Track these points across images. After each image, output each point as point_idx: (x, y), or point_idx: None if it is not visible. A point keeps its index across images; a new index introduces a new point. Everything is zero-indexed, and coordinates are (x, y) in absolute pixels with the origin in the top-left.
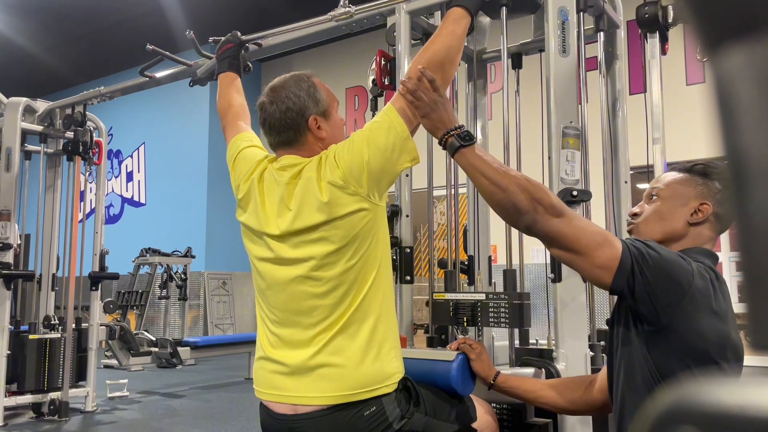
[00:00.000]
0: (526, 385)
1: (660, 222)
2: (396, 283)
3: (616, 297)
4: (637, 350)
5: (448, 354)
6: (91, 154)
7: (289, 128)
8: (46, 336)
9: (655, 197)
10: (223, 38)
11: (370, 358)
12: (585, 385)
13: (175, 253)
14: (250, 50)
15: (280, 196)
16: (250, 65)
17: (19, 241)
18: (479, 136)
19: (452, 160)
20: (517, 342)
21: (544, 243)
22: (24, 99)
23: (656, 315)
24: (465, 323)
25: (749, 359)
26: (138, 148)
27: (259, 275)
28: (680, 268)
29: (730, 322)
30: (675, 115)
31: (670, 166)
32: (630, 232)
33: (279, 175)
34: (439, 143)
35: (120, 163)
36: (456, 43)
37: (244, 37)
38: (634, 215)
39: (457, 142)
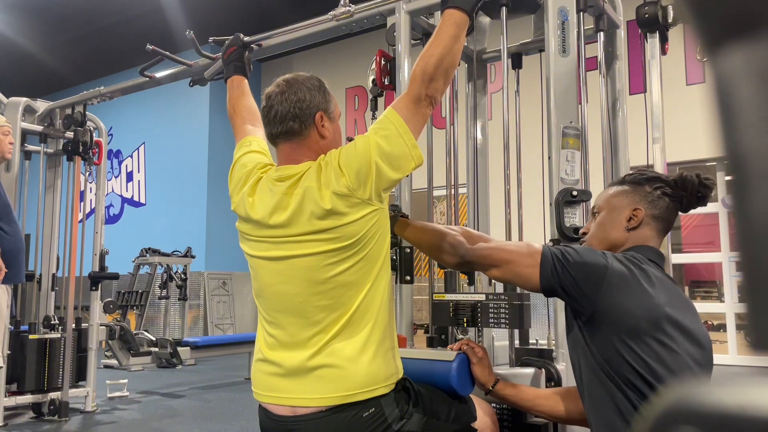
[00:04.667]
0: (523, 393)
1: (602, 234)
2: (396, 283)
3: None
4: (582, 346)
5: (447, 354)
6: (91, 154)
7: (296, 117)
8: (46, 336)
9: (596, 213)
10: (226, 41)
11: (369, 358)
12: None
13: (175, 253)
14: (253, 51)
15: (276, 203)
16: (251, 66)
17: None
18: (479, 136)
19: (453, 160)
20: (517, 342)
21: (482, 269)
22: (24, 99)
23: (584, 303)
24: (465, 324)
25: (749, 359)
26: (138, 148)
27: (256, 277)
28: (593, 255)
29: (663, 300)
30: (675, 115)
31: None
32: None
33: (274, 185)
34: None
35: (120, 163)
36: (458, 47)
37: (246, 39)
38: (584, 234)
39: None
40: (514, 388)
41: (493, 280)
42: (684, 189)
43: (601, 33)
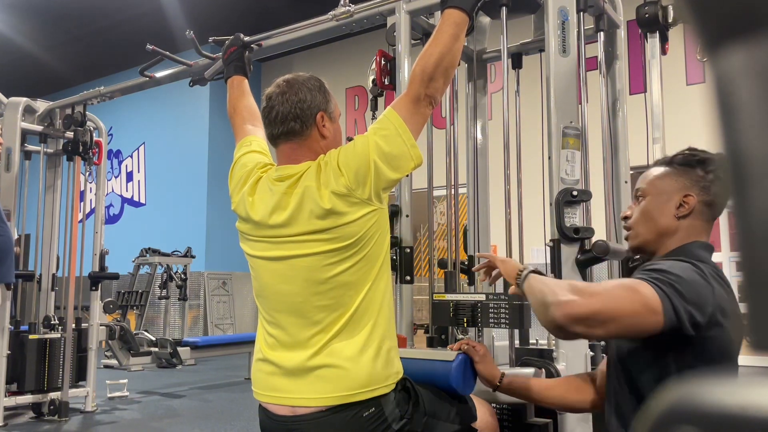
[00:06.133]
0: (531, 385)
1: (649, 222)
2: (396, 283)
3: None
4: (648, 357)
5: (448, 354)
6: (91, 154)
7: (297, 118)
8: (46, 336)
9: (641, 197)
10: (226, 41)
11: (369, 358)
12: (588, 382)
13: (175, 253)
14: (253, 51)
15: (276, 203)
16: (251, 65)
17: (16, 236)
18: (479, 136)
19: (453, 160)
20: (517, 342)
21: (587, 333)
22: (24, 99)
23: (695, 327)
24: (465, 324)
25: (749, 359)
26: (138, 148)
27: (256, 277)
28: (702, 283)
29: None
30: (675, 115)
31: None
32: (626, 238)
33: (274, 185)
34: (516, 280)
35: (120, 163)
36: (458, 47)
37: (246, 39)
38: (626, 218)
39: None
40: (521, 381)
41: None
42: None
43: (601, 33)
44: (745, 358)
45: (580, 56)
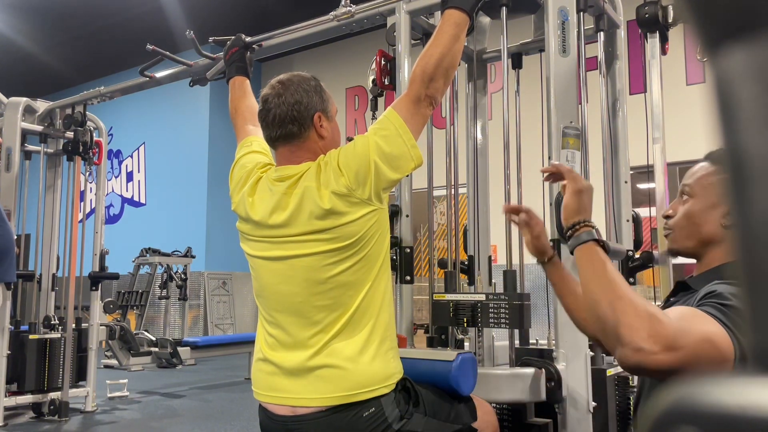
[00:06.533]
0: (572, 290)
1: (692, 227)
2: (396, 283)
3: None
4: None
5: (448, 354)
6: (91, 154)
7: (295, 121)
8: (46, 336)
9: (686, 197)
10: (227, 41)
11: (369, 358)
12: None
13: (175, 253)
14: (255, 51)
15: (276, 203)
16: (252, 66)
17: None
18: (479, 136)
19: (453, 160)
20: (517, 342)
21: (653, 378)
22: (24, 99)
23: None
24: (465, 324)
25: None
26: (138, 148)
27: (256, 277)
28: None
29: None
30: (675, 115)
31: (705, 158)
32: (666, 237)
33: (274, 185)
34: (569, 229)
35: (120, 163)
36: (458, 47)
37: (248, 39)
38: (668, 217)
39: (597, 236)
40: (566, 275)
41: (493, 280)
42: None
43: (601, 33)
44: None
45: (580, 56)
